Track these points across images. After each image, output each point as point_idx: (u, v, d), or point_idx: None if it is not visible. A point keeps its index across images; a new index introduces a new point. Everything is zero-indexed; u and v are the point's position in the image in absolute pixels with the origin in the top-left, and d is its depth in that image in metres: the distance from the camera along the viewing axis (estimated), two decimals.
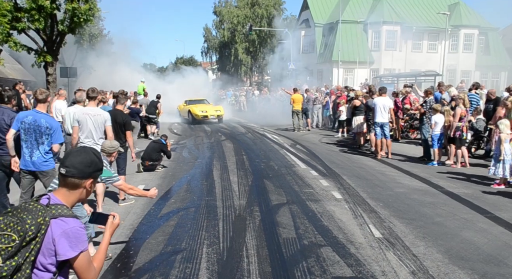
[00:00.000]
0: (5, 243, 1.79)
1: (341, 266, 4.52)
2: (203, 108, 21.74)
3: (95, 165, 2.10)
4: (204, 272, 4.40)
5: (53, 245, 1.89)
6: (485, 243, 5.17)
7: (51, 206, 1.93)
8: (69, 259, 1.92)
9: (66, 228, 1.91)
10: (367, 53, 37.90)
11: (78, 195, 2.09)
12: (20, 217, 1.84)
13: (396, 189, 7.80)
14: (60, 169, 2.04)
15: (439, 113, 9.77)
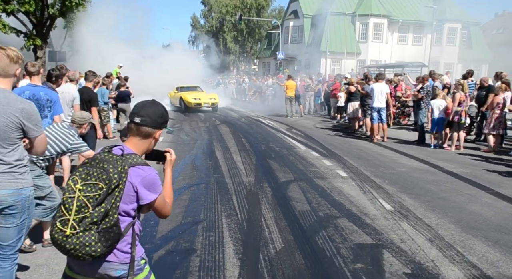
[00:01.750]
0: (93, 191, 1.90)
1: (360, 234, 4.66)
2: (196, 95, 19.93)
3: (165, 117, 2.20)
4: (228, 240, 4.49)
5: (134, 192, 2.00)
6: (492, 215, 5.38)
7: (126, 155, 2.03)
8: (149, 202, 2.04)
9: (144, 175, 2.02)
10: (354, 44, 38.22)
11: (147, 145, 2.17)
12: (102, 167, 1.95)
13: (397, 169, 7.99)
14: (134, 118, 2.12)
15: (440, 98, 10.00)
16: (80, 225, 1.89)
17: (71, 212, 1.90)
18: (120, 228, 1.97)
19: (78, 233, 1.89)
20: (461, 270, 3.82)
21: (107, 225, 1.92)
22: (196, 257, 4.07)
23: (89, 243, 1.89)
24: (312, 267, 3.89)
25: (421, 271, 3.81)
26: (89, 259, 1.92)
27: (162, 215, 2.17)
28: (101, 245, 1.91)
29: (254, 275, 3.71)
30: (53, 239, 1.95)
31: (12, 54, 2.78)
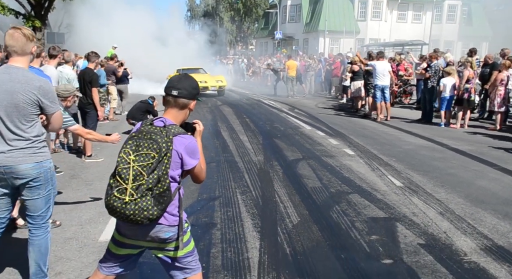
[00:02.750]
0: (146, 160, 2.11)
1: (373, 209, 4.80)
2: (201, 78, 17.52)
3: (198, 89, 2.40)
4: (245, 214, 4.62)
5: (179, 158, 2.22)
6: (500, 190, 5.53)
7: (168, 126, 2.22)
8: (191, 167, 2.25)
9: (187, 143, 2.24)
10: (353, 23, 37.89)
11: (184, 115, 2.37)
12: (151, 138, 2.15)
13: (404, 146, 8.11)
14: (172, 91, 2.30)
15: (450, 76, 10.06)
16: (137, 192, 2.08)
17: (128, 181, 2.08)
18: (171, 192, 2.18)
19: (136, 199, 2.08)
20: (473, 241, 3.97)
21: (160, 190, 2.12)
22: (217, 230, 4.20)
23: (147, 207, 2.10)
24: (329, 239, 4.02)
25: (434, 242, 3.95)
26: (147, 222, 2.12)
27: (199, 179, 2.40)
28: (157, 209, 2.12)
29: (275, 246, 3.84)
30: (111, 207, 2.14)
31: (28, 33, 2.87)
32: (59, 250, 3.79)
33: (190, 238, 2.43)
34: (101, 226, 4.34)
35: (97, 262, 3.51)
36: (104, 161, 6.83)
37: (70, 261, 3.59)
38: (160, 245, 2.33)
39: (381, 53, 12.03)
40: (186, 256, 2.40)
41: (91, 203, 5.00)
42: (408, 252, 3.73)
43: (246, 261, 3.57)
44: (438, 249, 3.80)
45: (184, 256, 2.39)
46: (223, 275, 3.35)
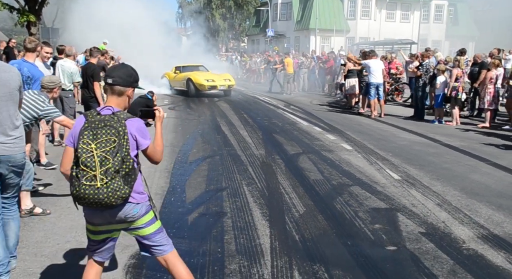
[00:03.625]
0: (108, 145, 2.26)
1: (374, 200, 5.03)
2: (208, 77, 16.56)
3: (134, 77, 2.53)
4: (253, 204, 4.81)
5: (133, 140, 2.39)
6: (493, 183, 5.80)
7: (117, 113, 2.39)
8: (145, 147, 2.45)
9: (137, 125, 2.42)
10: (343, 22, 38.23)
11: (124, 102, 2.53)
12: (106, 125, 2.31)
13: (398, 142, 8.38)
14: (107, 80, 2.46)
15: (443, 74, 10.36)
16: (106, 176, 2.25)
17: (96, 168, 2.24)
18: (136, 170, 2.39)
19: (107, 183, 2.25)
20: (471, 230, 4.22)
21: (126, 170, 2.30)
22: (227, 218, 4.39)
23: (119, 188, 2.27)
24: (335, 227, 4.24)
25: (434, 230, 4.19)
26: (121, 201, 2.30)
27: (154, 160, 2.57)
28: (128, 187, 2.32)
29: (284, 233, 4.05)
30: (83, 196, 2.26)
31: None
32: (80, 235, 3.95)
33: (155, 217, 2.59)
34: None
35: (117, 247, 3.68)
36: None
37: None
38: (130, 225, 2.48)
39: (373, 51, 12.31)
40: (156, 233, 2.55)
41: None
42: (410, 240, 3.96)
43: (259, 247, 3.77)
44: (438, 237, 4.03)
45: (154, 233, 2.54)
46: (239, 259, 3.54)
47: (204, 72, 17.49)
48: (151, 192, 5.18)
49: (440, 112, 10.85)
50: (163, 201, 4.89)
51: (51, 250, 3.70)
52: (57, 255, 3.62)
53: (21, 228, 4.03)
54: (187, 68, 17.91)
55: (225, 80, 16.59)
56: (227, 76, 17.14)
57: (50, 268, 3.42)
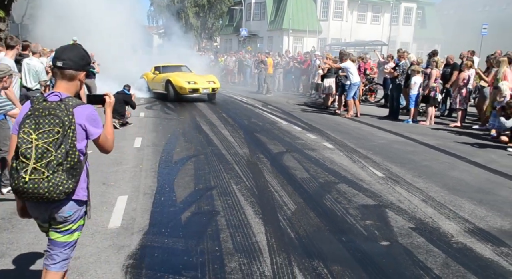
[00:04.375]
0: (51, 136, 2.11)
1: (362, 197, 5.14)
2: (190, 78, 14.69)
3: (86, 59, 2.36)
4: (244, 203, 4.83)
5: (82, 129, 2.25)
6: (472, 180, 6.02)
7: (65, 99, 2.22)
8: (97, 137, 2.32)
9: (87, 112, 2.27)
10: (316, 23, 38.71)
11: (75, 87, 2.35)
12: (50, 114, 2.14)
13: (377, 141, 8.56)
14: (57, 63, 2.27)
15: (418, 74, 10.65)
16: (48, 169, 2.10)
17: (35, 160, 2.10)
18: (82, 163, 2.26)
19: (48, 176, 2.10)
20: (457, 224, 4.38)
21: (71, 164, 2.16)
22: (221, 217, 4.40)
23: (61, 182, 2.13)
24: (328, 224, 4.32)
25: (423, 225, 4.33)
26: (63, 196, 2.17)
27: (105, 149, 2.43)
28: (72, 182, 2.18)
29: (279, 231, 4.09)
30: (22, 190, 2.13)
31: None
32: None
33: (80, 228, 2.43)
34: (106, 214, 4.43)
35: (111, 247, 3.68)
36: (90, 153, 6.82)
37: (86, 247, 3.69)
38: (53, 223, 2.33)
39: (351, 54, 12.56)
40: (65, 246, 2.39)
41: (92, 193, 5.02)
42: (402, 235, 4.08)
43: (256, 245, 3.80)
44: (428, 232, 4.17)
45: (64, 244, 2.38)
46: (238, 257, 3.56)
47: (186, 73, 15.70)
48: (139, 192, 5.14)
49: (415, 111, 11.15)
50: (153, 201, 4.84)
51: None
52: None
53: (10, 230, 3.94)
54: (168, 68, 15.99)
55: (209, 83, 14.68)
56: (211, 78, 15.31)
57: None
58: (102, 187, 5.31)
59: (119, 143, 7.73)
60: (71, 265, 3.35)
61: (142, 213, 4.47)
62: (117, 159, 6.64)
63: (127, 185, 5.40)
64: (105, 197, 4.95)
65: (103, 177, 5.70)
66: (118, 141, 7.85)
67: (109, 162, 6.46)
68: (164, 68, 15.99)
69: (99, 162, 6.38)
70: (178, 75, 14.89)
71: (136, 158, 6.79)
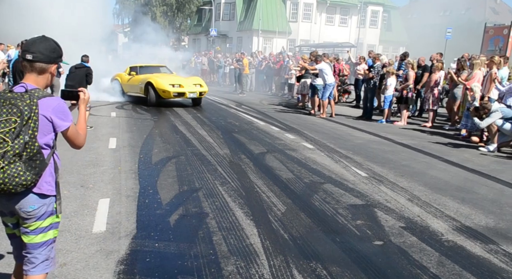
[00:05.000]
0: (7, 126, 2.04)
1: (349, 197, 5.14)
2: (174, 81, 13.05)
3: (57, 52, 2.27)
4: (232, 204, 4.73)
5: (49, 122, 2.16)
6: (451, 178, 6.15)
7: (31, 90, 2.14)
8: (64, 129, 2.23)
9: (54, 105, 2.18)
10: (285, 24, 38.95)
11: (45, 80, 2.26)
12: (10, 103, 2.07)
13: (355, 141, 8.64)
14: (26, 55, 2.18)
15: (393, 76, 10.83)
16: (3, 160, 2.02)
17: None
18: (43, 155, 2.16)
19: (3, 167, 2.02)
20: (445, 223, 4.43)
21: (30, 155, 2.08)
22: (210, 219, 4.28)
23: (18, 173, 2.05)
24: (320, 224, 4.28)
25: (412, 224, 4.36)
26: (21, 189, 2.09)
27: (76, 144, 2.35)
28: (30, 174, 2.09)
29: (272, 232, 4.02)
30: None
31: None
32: None
33: (54, 226, 2.34)
34: (89, 218, 4.23)
35: (99, 253, 3.51)
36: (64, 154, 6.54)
37: (71, 253, 3.50)
38: (21, 223, 2.25)
39: (325, 54, 12.66)
40: (41, 246, 2.29)
41: (70, 196, 4.82)
42: (394, 234, 4.09)
43: (251, 247, 3.70)
44: (418, 231, 4.20)
45: (40, 245, 2.28)
46: (234, 260, 3.46)
47: (168, 75, 14.20)
48: (120, 194, 4.95)
49: (388, 112, 11.35)
50: (138, 203, 4.67)
51: None
52: None
53: None
54: (146, 69, 14.49)
55: (196, 86, 13.13)
56: (197, 80, 13.76)
57: None
58: (80, 189, 5.08)
59: (93, 144, 7.50)
60: (56, 272, 3.19)
61: (128, 216, 4.30)
62: (93, 161, 6.40)
63: (107, 188, 5.19)
64: (85, 200, 4.74)
65: (80, 179, 5.47)
66: (91, 142, 7.63)
67: (85, 163, 6.22)
68: (142, 68, 14.45)
69: (74, 163, 6.15)
70: (160, 77, 13.27)
71: (113, 159, 6.56)
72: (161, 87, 12.61)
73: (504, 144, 8.19)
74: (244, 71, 17.60)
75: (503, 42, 23.03)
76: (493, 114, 7.77)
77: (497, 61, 8.71)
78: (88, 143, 7.53)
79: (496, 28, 23.55)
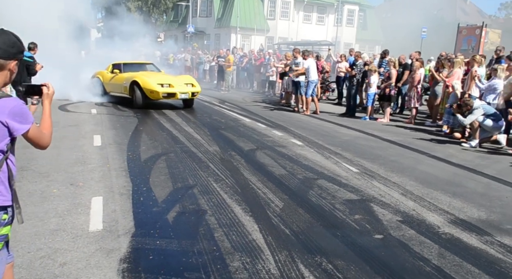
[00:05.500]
0: None
1: (344, 192, 5.17)
2: (163, 80, 11.79)
3: (18, 46, 2.09)
4: (230, 201, 4.69)
5: (4, 126, 1.98)
6: (439, 173, 6.26)
7: None
8: (24, 132, 2.05)
9: (11, 107, 1.99)
10: (263, 21, 38.98)
11: (4, 77, 2.09)
12: None
13: (342, 137, 8.71)
14: None
15: (375, 73, 10.96)
16: None
17: None
18: None
19: None
20: (440, 216, 4.51)
21: None
22: (210, 216, 4.24)
23: None
24: (319, 219, 4.29)
25: (409, 218, 4.42)
26: None
27: (40, 146, 2.17)
28: None
29: (273, 228, 4.00)
30: None
31: None
32: (51, 242, 3.57)
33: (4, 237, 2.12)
34: (83, 216, 4.13)
35: (99, 251, 3.44)
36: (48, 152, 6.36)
37: (70, 252, 3.41)
38: None
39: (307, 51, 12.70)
40: None
41: (61, 194, 4.70)
42: (393, 228, 4.13)
43: (254, 243, 3.68)
44: (416, 224, 4.26)
45: None
46: (239, 256, 3.43)
47: (156, 73, 12.95)
48: (113, 192, 4.85)
49: (372, 109, 11.49)
50: (132, 201, 4.58)
51: (23, 260, 3.27)
52: (32, 265, 3.22)
53: None
54: (131, 66, 13.20)
55: (187, 85, 11.84)
56: (188, 79, 12.46)
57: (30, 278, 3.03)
58: (70, 188, 4.95)
59: (77, 142, 7.35)
60: (57, 272, 3.10)
61: (124, 214, 4.21)
62: (79, 159, 6.25)
63: (98, 186, 5.07)
64: (77, 198, 4.62)
65: (69, 178, 5.33)
66: (75, 140, 7.48)
67: (71, 161, 6.07)
68: (126, 66, 13.11)
69: (60, 161, 6.01)
70: (146, 76, 11.97)
71: (100, 157, 6.41)
72: (148, 87, 11.36)
73: (485, 139, 8.40)
74: (228, 68, 17.52)
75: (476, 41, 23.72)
76: (475, 111, 7.96)
77: (479, 59, 8.92)
78: (72, 140, 7.40)
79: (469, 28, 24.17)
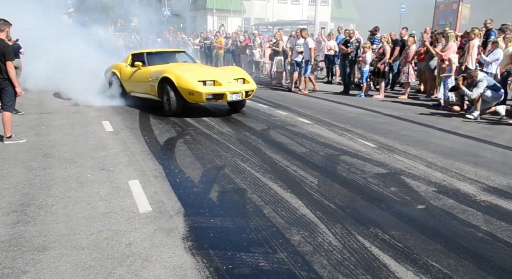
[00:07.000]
0: None
1: (371, 166, 5.25)
2: (205, 75, 8.39)
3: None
4: (264, 179, 4.71)
5: None
6: (453, 145, 6.42)
7: None
8: None
9: None
10: (239, 2, 38.50)
11: None
12: None
13: (347, 114, 8.80)
14: None
15: (369, 50, 11.03)
16: None
17: None
18: None
19: None
20: (471, 185, 4.65)
21: None
22: (251, 194, 4.25)
23: None
24: (359, 193, 4.36)
25: (443, 188, 4.53)
26: None
27: None
28: None
29: (318, 203, 4.05)
30: None
31: None
32: (107, 224, 3.56)
33: None
34: (128, 199, 4.09)
35: (159, 231, 3.44)
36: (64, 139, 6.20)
37: (130, 233, 3.39)
38: None
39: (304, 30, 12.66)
40: None
41: (96, 179, 4.63)
42: (432, 198, 4.24)
43: (305, 218, 3.73)
44: (452, 193, 4.38)
45: None
46: (296, 230, 3.47)
47: (191, 65, 9.49)
48: (147, 175, 4.81)
49: (367, 86, 11.61)
50: (170, 183, 4.54)
51: (89, 242, 3.24)
52: (100, 246, 3.19)
53: (32, 222, 3.49)
54: (157, 56, 9.82)
55: (238, 81, 8.55)
56: (239, 73, 9.05)
57: (103, 259, 2.99)
58: (103, 172, 4.87)
59: (87, 128, 7.20)
60: (127, 251, 3.09)
61: (167, 196, 4.18)
62: (98, 144, 6.13)
63: (129, 169, 5.00)
64: (114, 182, 4.55)
65: (97, 163, 5.25)
66: (85, 126, 7.31)
67: (91, 147, 5.97)
68: (151, 56, 9.72)
69: (79, 147, 5.90)
70: (181, 69, 8.57)
71: (118, 141, 6.31)
72: (186, 86, 7.99)
73: (484, 110, 8.63)
74: (220, 50, 17.32)
75: (453, 16, 24.14)
76: (480, 84, 8.15)
77: (478, 33, 9.10)
78: (82, 127, 7.24)
79: (446, 3, 24.54)
